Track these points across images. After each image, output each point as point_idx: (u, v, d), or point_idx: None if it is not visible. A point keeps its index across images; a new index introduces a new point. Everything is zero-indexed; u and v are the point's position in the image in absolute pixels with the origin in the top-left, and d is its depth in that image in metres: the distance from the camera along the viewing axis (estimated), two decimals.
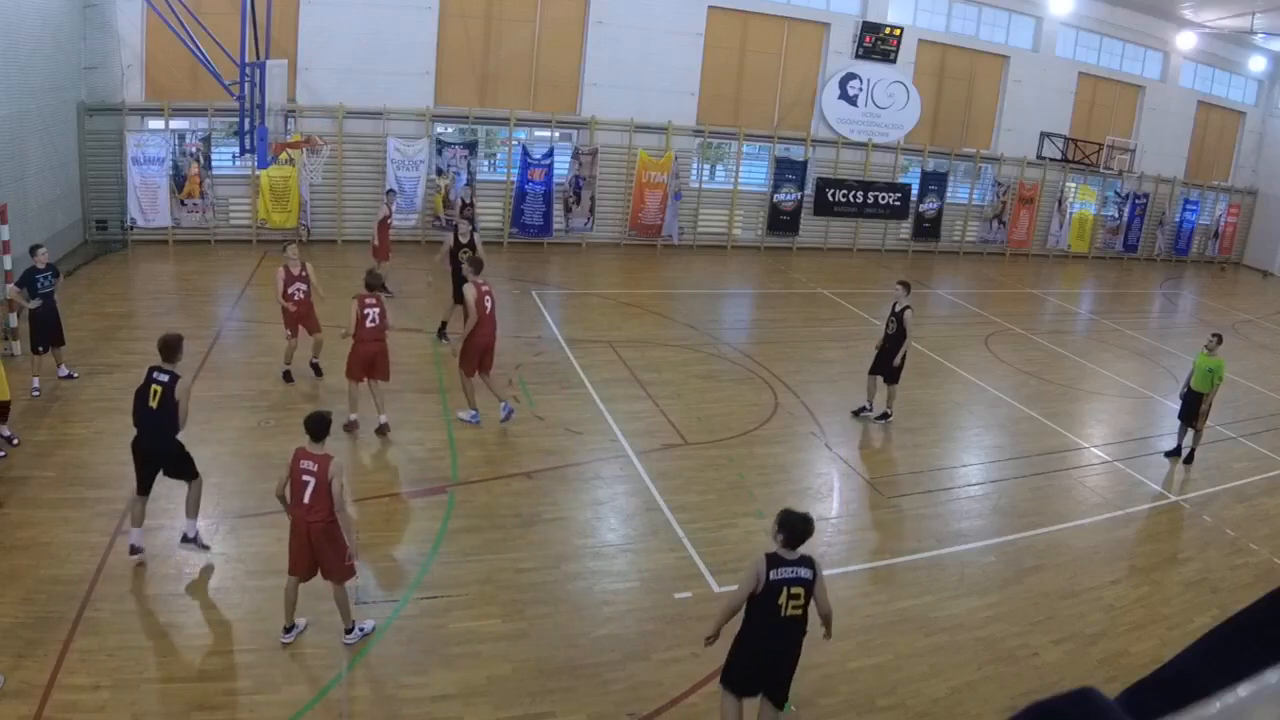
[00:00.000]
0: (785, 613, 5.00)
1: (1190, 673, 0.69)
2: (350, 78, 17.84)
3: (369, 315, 9.37)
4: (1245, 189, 29.64)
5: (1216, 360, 10.90)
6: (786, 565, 5.02)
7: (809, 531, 5.09)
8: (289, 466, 5.94)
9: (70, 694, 5.42)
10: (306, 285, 10.67)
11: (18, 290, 9.81)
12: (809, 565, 5.08)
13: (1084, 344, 17.15)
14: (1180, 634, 7.35)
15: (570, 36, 19.83)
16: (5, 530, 7.12)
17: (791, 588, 4.99)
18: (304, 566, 5.98)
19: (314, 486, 5.81)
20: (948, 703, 6.30)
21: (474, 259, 10.22)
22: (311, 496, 5.82)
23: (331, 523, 5.86)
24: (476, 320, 9.68)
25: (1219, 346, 11.03)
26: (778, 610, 4.99)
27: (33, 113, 13.90)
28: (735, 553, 7.91)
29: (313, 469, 5.83)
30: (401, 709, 5.68)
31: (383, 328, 9.53)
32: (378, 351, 9.54)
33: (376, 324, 9.45)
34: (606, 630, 6.68)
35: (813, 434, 10.90)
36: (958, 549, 8.56)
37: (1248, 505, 10.27)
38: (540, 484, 8.89)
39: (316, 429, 5.95)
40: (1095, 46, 25.65)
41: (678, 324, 15.15)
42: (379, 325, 9.47)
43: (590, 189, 20.19)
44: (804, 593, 5.03)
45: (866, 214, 23.45)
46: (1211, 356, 10.92)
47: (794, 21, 21.73)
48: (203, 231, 17.64)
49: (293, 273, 10.60)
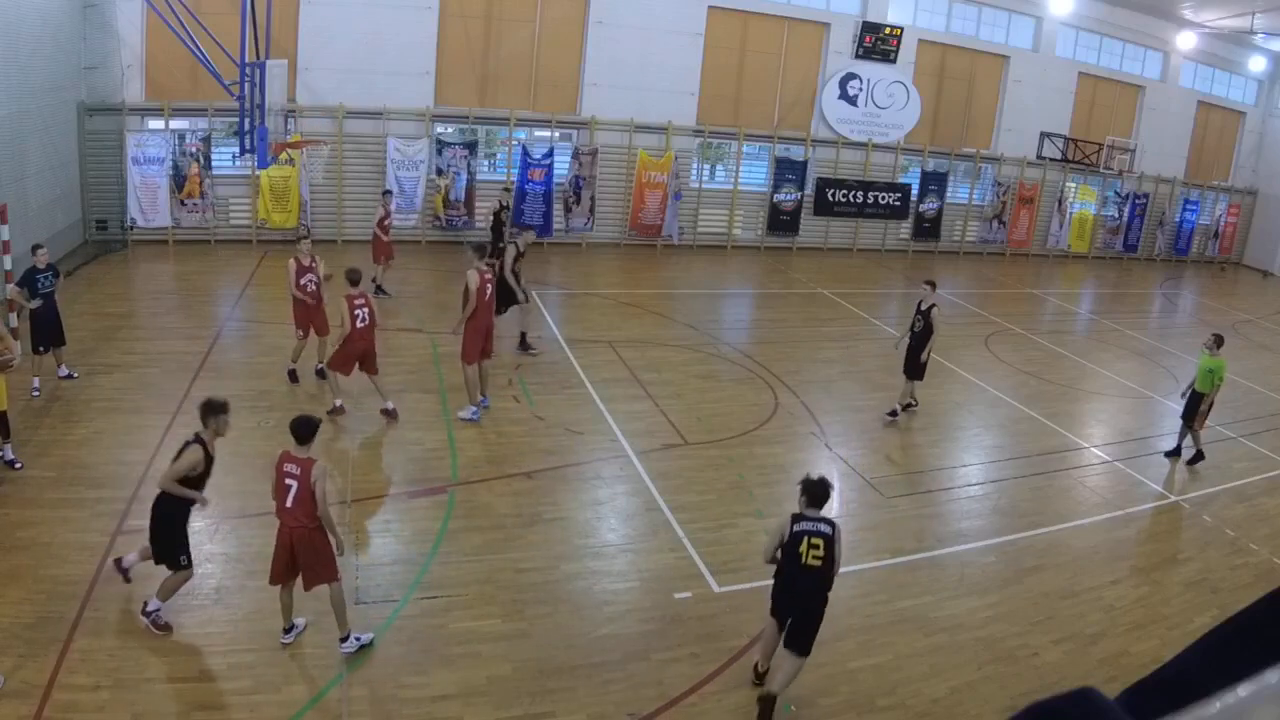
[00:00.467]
0: (805, 561, 5.76)
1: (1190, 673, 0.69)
2: (350, 78, 17.84)
3: (359, 315, 9.48)
4: (1245, 189, 29.65)
5: (1217, 360, 10.90)
6: (808, 520, 5.82)
7: (826, 492, 5.87)
8: (274, 469, 5.93)
9: (70, 694, 5.42)
10: (317, 277, 10.74)
11: (18, 290, 9.81)
12: (829, 524, 5.86)
13: (1084, 344, 17.15)
14: (1180, 634, 7.35)
15: (570, 36, 19.83)
16: (5, 530, 7.12)
17: (811, 539, 5.77)
18: (281, 573, 5.94)
19: (296, 490, 5.78)
20: (948, 703, 6.30)
21: (481, 245, 10.30)
22: (294, 500, 5.79)
23: (315, 529, 5.81)
24: (475, 307, 9.85)
25: (1219, 347, 11.03)
26: (799, 558, 5.77)
27: (33, 113, 13.90)
28: (735, 553, 7.92)
29: (295, 473, 5.80)
30: (401, 709, 5.68)
31: (373, 326, 9.64)
32: (368, 348, 9.70)
33: (367, 322, 9.56)
34: (606, 630, 6.68)
35: (813, 434, 10.90)
36: (958, 549, 8.56)
37: (1248, 505, 10.27)
38: (540, 484, 8.89)
39: (301, 431, 5.90)
40: (1095, 46, 25.65)
41: (678, 324, 15.15)
42: (369, 324, 9.58)
43: (590, 189, 20.19)
44: (823, 544, 5.77)
45: (866, 214, 23.45)
46: (1212, 357, 10.92)
47: (794, 21, 21.73)
48: (203, 231, 17.64)
49: (303, 264, 10.68)
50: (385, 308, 14.33)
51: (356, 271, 9.81)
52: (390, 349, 12.40)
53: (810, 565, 5.76)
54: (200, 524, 7.55)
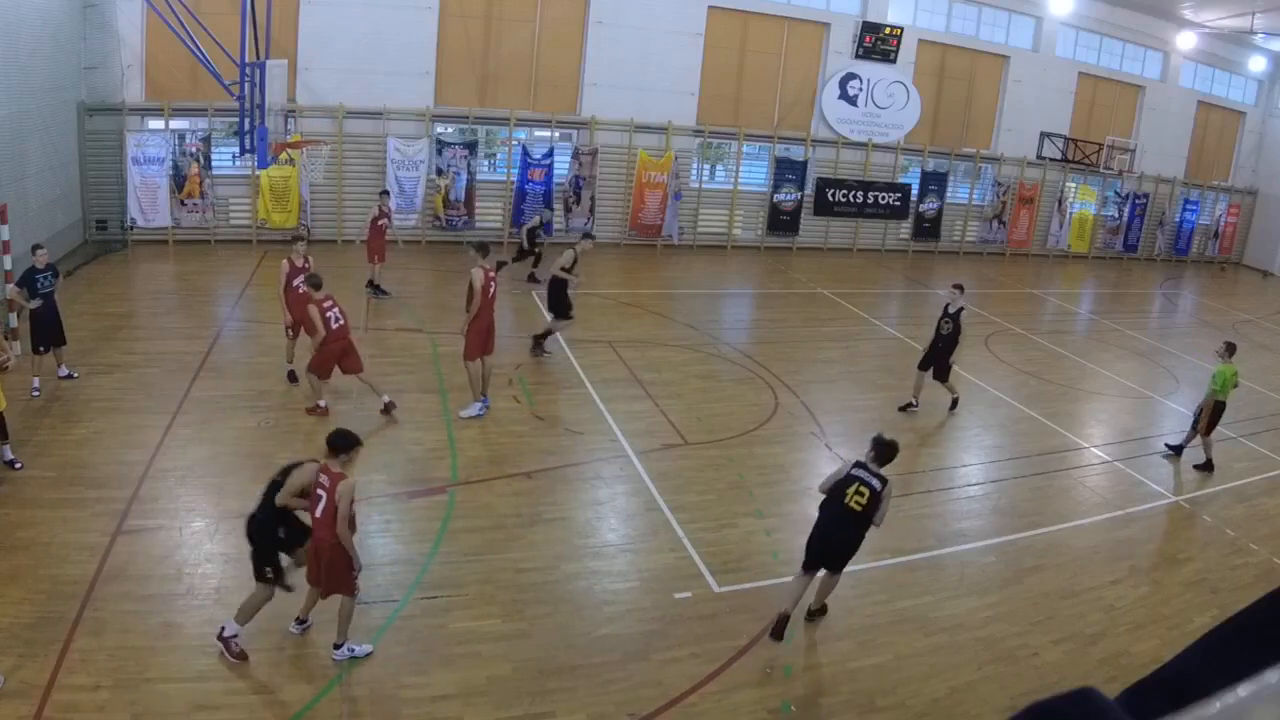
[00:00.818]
0: (848, 501, 6.46)
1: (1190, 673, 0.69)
2: (350, 78, 17.84)
3: (332, 317, 9.60)
4: (1245, 189, 29.65)
5: (1226, 367, 10.85)
6: (866, 471, 6.54)
7: (893, 453, 6.61)
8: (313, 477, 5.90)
9: (70, 694, 5.42)
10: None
11: (18, 290, 9.81)
12: (881, 480, 6.50)
13: (1084, 344, 17.15)
14: (1180, 634, 7.35)
15: (570, 36, 19.83)
16: (5, 530, 7.12)
17: (860, 485, 6.48)
18: (314, 574, 5.97)
19: (324, 503, 5.76)
20: (948, 703, 6.30)
21: (483, 244, 10.33)
22: (322, 512, 5.77)
23: (336, 544, 5.77)
24: (480, 304, 9.90)
25: (1230, 354, 10.94)
26: (844, 498, 6.48)
27: (33, 113, 13.90)
28: (735, 553, 7.92)
29: (326, 485, 5.76)
30: (401, 709, 5.68)
31: (347, 325, 9.78)
32: (345, 349, 9.79)
33: (341, 323, 9.68)
34: (606, 630, 6.68)
35: (813, 434, 10.90)
36: (958, 549, 8.56)
37: (1248, 505, 10.27)
38: (540, 484, 8.88)
39: (335, 443, 5.85)
40: (1095, 46, 25.65)
41: (678, 324, 15.15)
42: (344, 325, 9.71)
43: (590, 189, 20.19)
44: (869, 494, 6.44)
45: (866, 214, 23.45)
46: (1225, 364, 10.88)
47: (794, 21, 21.74)
48: (203, 231, 17.64)
49: (296, 265, 10.70)
50: (385, 308, 14.37)
51: (317, 276, 9.91)
52: (390, 349, 12.42)
53: (851, 507, 6.45)
54: (200, 524, 7.57)
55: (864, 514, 6.45)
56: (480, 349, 10.11)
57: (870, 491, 6.43)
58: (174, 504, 7.86)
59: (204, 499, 8.02)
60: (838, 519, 6.50)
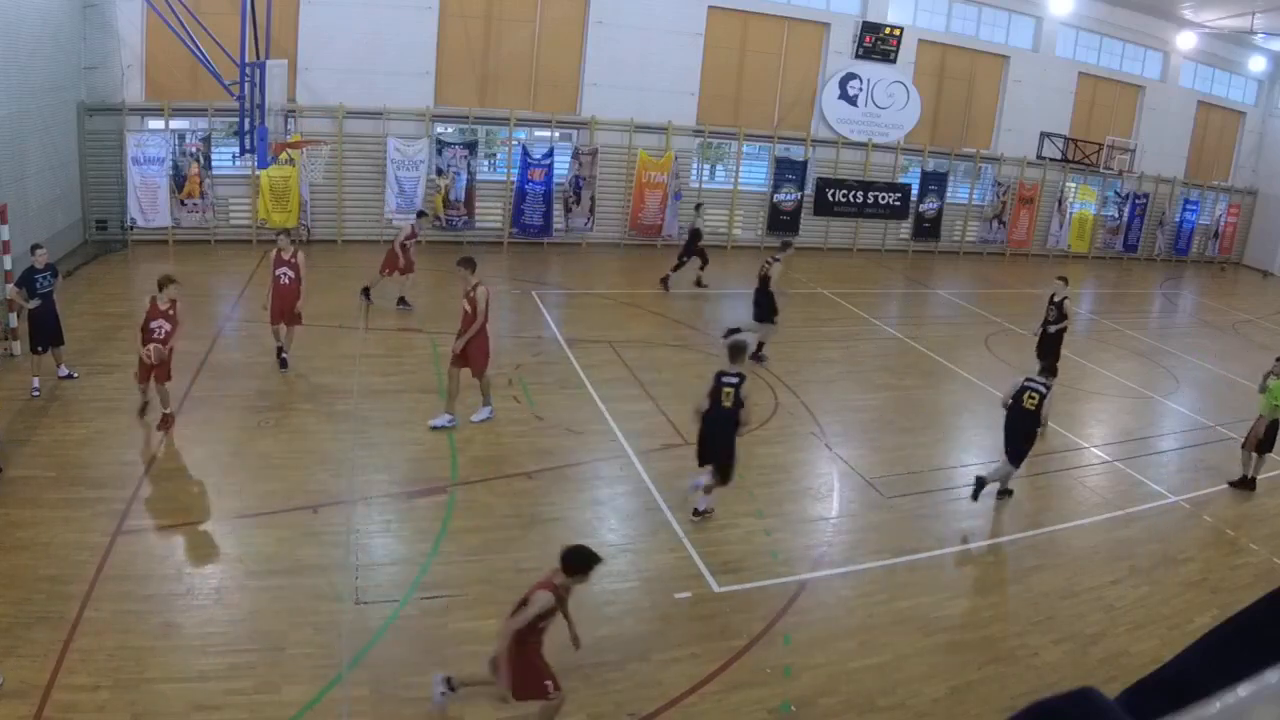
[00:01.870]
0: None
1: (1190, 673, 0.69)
2: (350, 78, 17.83)
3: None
4: (1245, 189, 29.63)
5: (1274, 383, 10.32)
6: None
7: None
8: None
9: (70, 694, 5.42)
10: (294, 272, 10.97)
11: (17, 290, 9.81)
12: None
13: (1084, 344, 17.13)
14: (1180, 634, 7.34)
15: (570, 36, 19.83)
16: (5, 530, 7.12)
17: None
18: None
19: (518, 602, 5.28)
20: (948, 703, 6.30)
21: (469, 259, 10.14)
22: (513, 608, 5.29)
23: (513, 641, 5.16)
24: (485, 320, 9.81)
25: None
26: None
27: (33, 113, 13.90)
28: (735, 553, 7.92)
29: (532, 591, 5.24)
30: (402, 709, 5.68)
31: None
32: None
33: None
34: (606, 630, 6.68)
35: (813, 434, 10.90)
36: (958, 549, 8.57)
37: (1248, 505, 10.26)
38: (540, 484, 8.88)
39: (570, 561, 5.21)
40: (1095, 46, 25.64)
41: (678, 324, 15.15)
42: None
43: (590, 189, 20.18)
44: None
45: (866, 214, 23.44)
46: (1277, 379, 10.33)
47: (794, 21, 21.73)
48: (203, 231, 17.64)
49: (282, 257, 11.01)
50: (385, 308, 14.29)
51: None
52: (390, 349, 12.42)
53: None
54: (200, 524, 7.57)
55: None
56: (489, 357, 10.00)
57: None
58: (174, 504, 7.86)
59: (204, 499, 8.02)
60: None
